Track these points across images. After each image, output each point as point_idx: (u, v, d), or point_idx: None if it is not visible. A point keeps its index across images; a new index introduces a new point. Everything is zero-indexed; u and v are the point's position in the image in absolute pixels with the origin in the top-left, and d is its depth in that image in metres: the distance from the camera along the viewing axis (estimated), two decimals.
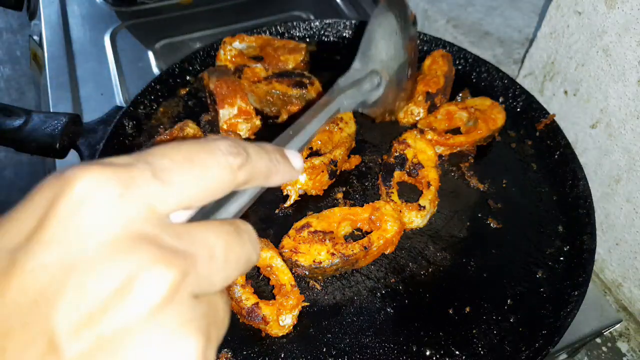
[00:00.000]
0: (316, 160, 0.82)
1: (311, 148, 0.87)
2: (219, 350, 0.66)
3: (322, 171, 0.82)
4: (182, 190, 0.26)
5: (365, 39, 0.72)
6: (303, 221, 0.74)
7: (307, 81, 0.95)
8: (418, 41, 1.10)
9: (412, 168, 0.84)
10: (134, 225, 0.24)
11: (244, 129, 0.90)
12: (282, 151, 0.35)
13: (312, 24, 1.14)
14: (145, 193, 0.25)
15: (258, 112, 0.95)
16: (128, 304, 0.23)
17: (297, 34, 1.14)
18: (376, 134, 0.95)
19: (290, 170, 0.35)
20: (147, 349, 0.23)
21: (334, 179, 0.84)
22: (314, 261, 0.70)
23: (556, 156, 0.90)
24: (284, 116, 0.96)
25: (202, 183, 0.27)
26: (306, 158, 0.83)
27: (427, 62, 1.01)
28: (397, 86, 0.77)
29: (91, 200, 0.24)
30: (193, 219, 0.30)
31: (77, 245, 0.23)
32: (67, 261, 0.23)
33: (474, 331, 0.70)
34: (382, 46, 0.73)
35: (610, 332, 0.97)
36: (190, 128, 0.86)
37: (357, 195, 0.85)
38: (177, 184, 0.26)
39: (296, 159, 0.37)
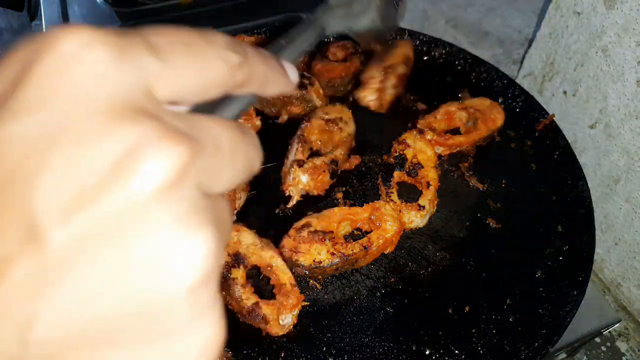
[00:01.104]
0: (317, 161, 0.82)
1: (311, 148, 0.87)
2: None
3: (324, 171, 0.82)
4: (179, 74, 0.23)
5: None
6: (303, 221, 0.75)
7: (307, 81, 0.95)
8: (417, 41, 1.11)
9: (411, 168, 0.84)
10: (132, 97, 0.20)
11: None
12: (280, 60, 0.32)
13: None
14: (142, 66, 0.21)
15: (258, 112, 0.96)
16: (129, 182, 0.18)
17: None
18: (376, 134, 0.95)
19: (286, 80, 0.32)
20: (153, 236, 0.19)
21: (334, 179, 0.85)
22: (314, 261, 0.70)
23: (555, 156, 0.91)
24: (284, 116, 0.96)
25: (199, 73, 0.24)
26: (307, 158, 0.84)
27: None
28: (384, 11, 0.76)
29: (81, 59, 0.19)
30: None
31: (62, 110, 0.19)
32: (50, 130, 0.18)
33: (474, 330, 0.70)
34: None
35: (610, 332, 0.97)
36: None
37: (357, 195, 0.85)
38: (174, 66, 0.22)
39: (292, 70, 0.33)
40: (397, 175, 0.84)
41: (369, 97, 0.95)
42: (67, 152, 0.18)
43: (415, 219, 0.79)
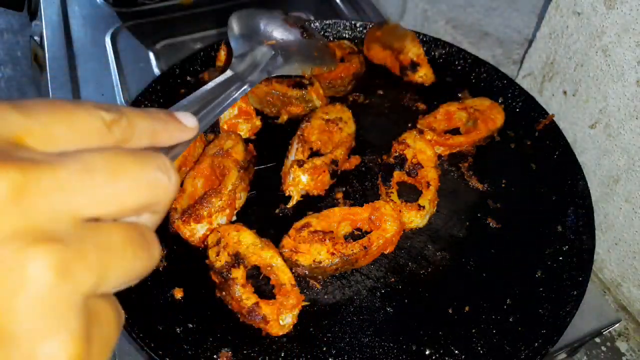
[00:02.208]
0: (317, 161, 0.82)
1: (311, 148, 0.87)
2: (219, 350, 0.66)
3: (324, 171, 0.82)
4: (47, 125, 0.26)
5: (239, 27, 0.83)
6: (303, 221, 0.75)
7: (307, 82, 0.95)
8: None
9: (411, 168, 0.84)
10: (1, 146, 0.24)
11: (244, 129, 0.91)
12: (169, 112, 0.35)
13: (312, 24, 1.15)
14: (7, 120, 0.25)
15: (258, 112, 0.96)
16: None
17: None
18: (376, 134, 0.95)
19: (181, 127, 0.34)
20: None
21: (334, 179, 0.85)
22: (314, 261, 0.70)
23: (555, 156, 0.91)
24: (284, 117, 0.96)
25: (70, 126, 0.26)
26: (307, 158, 0.84)
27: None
28: (302, 46, 0.85)
29: None
30: None
31: None
32: None
33: (474, 330, 0.70)
34: (254, 25, 0.83)
35: (610, 332, 0.97)
36: None
37: (357, 195, 0.85)
38: (40, 120, 0.25)
39: (187, 118, 0.35)
40: (397, 175, 0.84)
41: (420, 73, 1.04)
42: None
43: (415, 219, 0.79)
